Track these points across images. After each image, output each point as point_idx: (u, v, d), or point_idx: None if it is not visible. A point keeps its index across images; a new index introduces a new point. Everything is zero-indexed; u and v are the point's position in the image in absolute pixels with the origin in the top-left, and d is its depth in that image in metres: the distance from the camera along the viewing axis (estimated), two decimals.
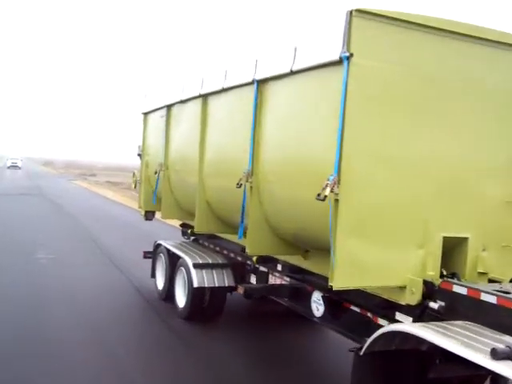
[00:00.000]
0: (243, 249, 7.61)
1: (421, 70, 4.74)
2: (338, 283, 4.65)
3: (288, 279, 6.81)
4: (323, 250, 5.75)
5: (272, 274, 7.14)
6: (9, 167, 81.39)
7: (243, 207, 5.99)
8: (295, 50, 5.25)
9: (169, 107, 8.56)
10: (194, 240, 9.59)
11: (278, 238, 6.08)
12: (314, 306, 6.26)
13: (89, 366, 6.56)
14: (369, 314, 5.47)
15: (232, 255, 8.03)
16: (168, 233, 15.89)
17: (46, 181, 51.33)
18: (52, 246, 14.69)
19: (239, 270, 7.84)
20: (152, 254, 9.56)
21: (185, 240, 9.65)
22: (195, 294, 7.70)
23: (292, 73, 5.25)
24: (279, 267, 6.86)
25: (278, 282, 7.08)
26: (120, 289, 10.25)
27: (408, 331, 4.13)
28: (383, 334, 4.36)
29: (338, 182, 4.50)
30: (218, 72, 6.87)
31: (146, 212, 9.89)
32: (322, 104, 4.87)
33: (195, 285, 7.57)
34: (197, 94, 7.33)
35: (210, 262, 7.83)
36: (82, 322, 8.13)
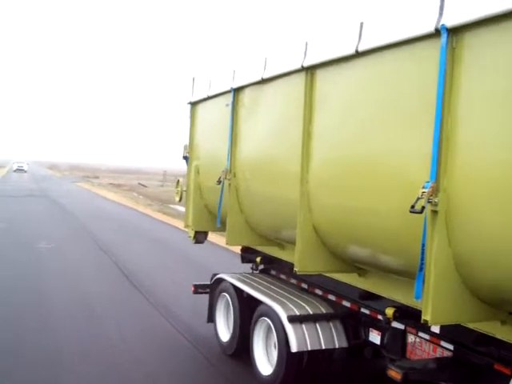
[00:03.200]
0: (363, 294, 5.07)
1: None
2: None
3: (450, 346, 4.24)
4: None
5: (415, 334, 4.58)
6: (15, 170, 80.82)
7: (423, 246, 3.42)
8: None
9: (237, 91, 5.89)
10: (262, 270, 6.99)
11: (474, 297, 3.52)
12: None
13: None
14: None
15: (332, 298, 5.45)
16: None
17: (50, 183, 51.40)
18: (52, 238, 15.40)
19: (351, 322, 5.26)
20: (209, 291, 6.91)
21: (254, 272, 7.00)
22: (292, 359, 5.07)
23: None
24: (436, 329, 4.30)
25: (425, 347, 4.53)
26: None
27: None
28: None
29: None
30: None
31: (197, 233, 7.26)
32: None
33: (294, 349, 4.89)
34: (297, 66, 4.72)
35: (311, 312, 5.23)
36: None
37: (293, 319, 4.97)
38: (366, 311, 4.94)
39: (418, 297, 3.43)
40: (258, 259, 6.63)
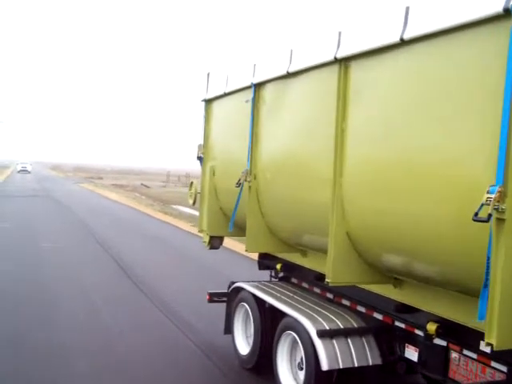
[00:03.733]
0: (398, 307, 4.63)
1: None
2: None
3: (503, 368, 3.79)
4: None
5: (459, 352, 4.13)
6: (19, 171, 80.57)
7: (488, 259, 2.98)
8: None
9: (258, 87, 5.46)
10: (282, 278, 6.55)
11: None
12: None
13: None
14: None
15: (361, 309, 5.02)
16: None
17: (53, 184, 51.62)
18: (54, 238, 15.61)
19: (385, 337, 4.82)
20: (226, 300, 6.40)
21: (273, 280, 6.56)
22: (321, 377, 4.61)
23: None
24: (486, 348, 3.85)
25: (472, 366, 4.08)
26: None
27: None
28: None
29: None
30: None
31: (212, 238, 6.83)
32: None
33: (325, 367, 4.39)
34: (329, 58, 4.28)
35: (342, 326, 4.79)
36: None
37: (323, 334, 4.53)
38: (402, 325, 4.50)
39: (481, 317, 2.99)
40: (279, 266, 6.19)
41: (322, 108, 4.44)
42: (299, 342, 4.78)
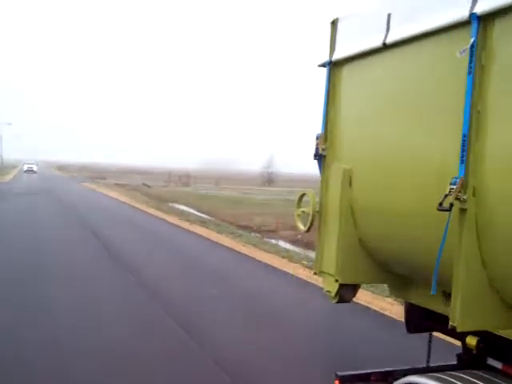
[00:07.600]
0: None
1: None
2: None
3: None
4: None
5: None
6: (25, 171, 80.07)
7: None
8: None
9: (486, 23, 2.79)
10: (473, 361, 3.88)
11: None
12: None
13: None
14: None
15: None
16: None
17: (58, 183, 52.72)
18: (54, 227, 17.92)
19: None
20: None
21: (469, 369, 3.83)
22: None
23: None
24: None
25: None
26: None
27: None
28: None
29: None
30: None
31: (342, 287, 4.19)
32: None
33: None
34: None
35: None
36: None
37: None
38: None
39: None
40: (474, 342, 3.53)
41: None
42: None
